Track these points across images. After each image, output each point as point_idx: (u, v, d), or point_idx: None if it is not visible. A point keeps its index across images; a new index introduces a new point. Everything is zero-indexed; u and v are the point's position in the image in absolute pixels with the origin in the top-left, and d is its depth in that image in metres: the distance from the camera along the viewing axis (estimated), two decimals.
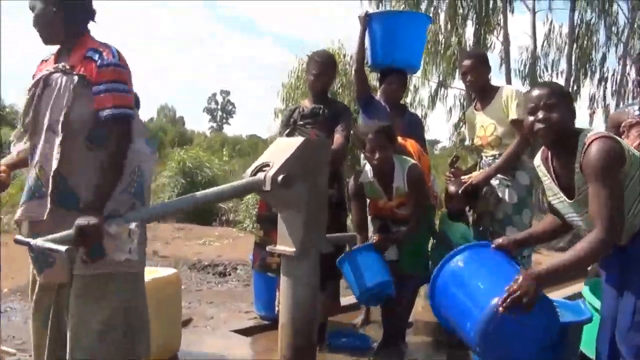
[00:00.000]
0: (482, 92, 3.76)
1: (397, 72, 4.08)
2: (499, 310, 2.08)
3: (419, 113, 12.01)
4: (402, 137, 3.68)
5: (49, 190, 2.14)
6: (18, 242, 2.13)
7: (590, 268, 3.62)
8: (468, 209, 3.75)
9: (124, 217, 2.18)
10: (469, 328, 2.19)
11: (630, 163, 2.13)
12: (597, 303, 2.93)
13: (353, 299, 3.64)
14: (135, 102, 2.47)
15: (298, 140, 2.79)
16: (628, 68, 11.36)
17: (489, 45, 11.50)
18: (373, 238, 3.32)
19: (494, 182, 3.63)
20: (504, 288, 2.10)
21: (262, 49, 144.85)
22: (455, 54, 11.10)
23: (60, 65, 2.22)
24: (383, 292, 3.20)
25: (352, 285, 3.25)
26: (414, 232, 3.31)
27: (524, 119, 2.30)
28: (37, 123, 2.22)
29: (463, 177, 3.72)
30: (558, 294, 3.93)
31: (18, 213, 2.24)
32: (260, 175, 2.66)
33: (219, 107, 77.48)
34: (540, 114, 2.20)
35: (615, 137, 2.19)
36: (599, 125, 11.96)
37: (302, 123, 3.65)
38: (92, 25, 2.34)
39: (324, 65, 3.64)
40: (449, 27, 11.09)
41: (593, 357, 2.49)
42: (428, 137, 16.81)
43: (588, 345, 2.93)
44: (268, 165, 2.70)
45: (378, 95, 4.21)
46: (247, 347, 3.69)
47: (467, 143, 3.86)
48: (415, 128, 4.15)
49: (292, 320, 2.82)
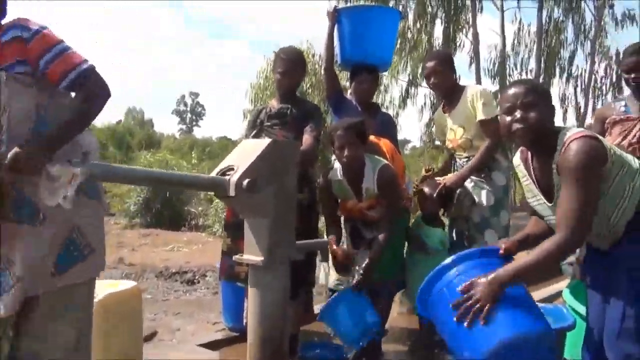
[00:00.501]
0: (448, 94, 3.63)
1: (367, 69, 3.93)
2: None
3: (391, 113, 11.91)
4: (376, 136, 3.54)
5: None
6: None
7: (573, 269, 3.53)
8: (442, 212, 3.62)
9: (73, 161, 1.89)
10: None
11: (613, 162, 2.01)
12: (579, 307, 2.82)
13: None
14: None
15: (264, 142, 2.61)
16: (596, 65, 11.48)
17: (459, 44, 11.50)
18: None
19: (469, 184, 3.51)
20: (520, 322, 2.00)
21: (235, 52, 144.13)
22: (425, 53, 11.05)
23: None
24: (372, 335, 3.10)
25: (340, 338, 3.14)
26: (386, 242, 3.15)
27: (500, 119, 2.17)
28: None
29: (437, 178, 3.59)
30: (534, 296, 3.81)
31: None
32: (225, 180, 2.48)
33: (188, 109, 76.76)
34: (518, 114, 2.08)
35: (597, 136, 2.07)
36: (571, 124, 12.02)
37: (269, 124, 3.47)
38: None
39: (292, 63, 3.47)
40: (418, 25, 11.03)
41: None
42: (399, 137, 16.78)
43: (572, 352, 2.82)
44: (232, 169, 2.52)
45: (349, 95, 4.06)
46: None
47: (437, 143, 3.73)
48: (388, 128, 4.00)
49: (260, 334, 2.64)
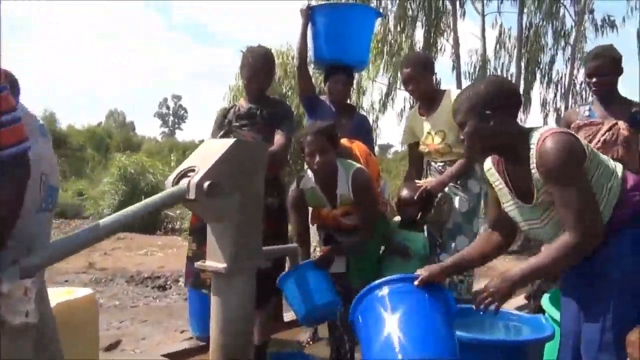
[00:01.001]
0: (427, 98, 3.50)
1: (343, 69, 3.80)
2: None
3: (370, 117, 11.81)
4: (348, 139, 3.41)
5: None
6: None
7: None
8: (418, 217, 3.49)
9: (20, 264, 1.72)
10: None
11: (590, 160, 1.91)
12: (558, 316, 2.71)
13: None
14: (14, 87, 1.98)
15: (228, 142, 2.46)
16: (576, 71, 11.47)
17: (440, 48, 11.42)
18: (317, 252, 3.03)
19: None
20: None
21: (220, 57, 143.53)
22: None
23: None
24: (329, 312, 2.90)
25: (294, 308, 2.94)
26: (363, 241, 3.02)
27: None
28: None
29: (417, 182, 3.47)
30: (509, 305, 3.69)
31: None
32: (184, 182, 2.33)
33: (171, 112, 76.24)
34: (463, 130, 2.04)
35: (571, 132, 1.98)
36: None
37: (237, 124, 3.32)
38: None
39: (260, 65, 3.31)
40: (399, 28, 10.94)
41: None
42: (380, 141, 16.64)
43: None
44: (193, 170, 2.37)
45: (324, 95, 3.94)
46: None
47: (403, 147, 3.54)
48: (364, 130, 3.89)
49: (223, 346, 2.48)
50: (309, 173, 3.05)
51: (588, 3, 11.57)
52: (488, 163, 2.18)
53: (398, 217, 3.45)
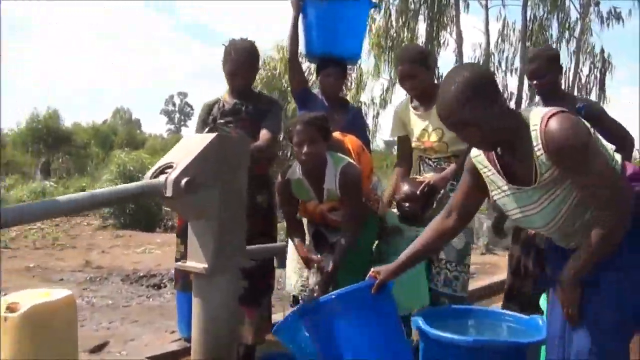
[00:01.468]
0: (425, 95, 3.32)
1: (335, 62, 3.69)
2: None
3: (371, 112, 11.70)
4: (341, 132, 3.30)
5: None
6: None
7: None
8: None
9: None
10: None
11: (595, 140, 1.84)
12: None
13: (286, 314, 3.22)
14: None
15: (208, 137, 2.36)
16: (581, 64, 11.30)
17: (443, 42, 11.27)
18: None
19: None
20: None
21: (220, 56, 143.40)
22: None
23: None
24: None
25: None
26: (351, 243, 2.91)
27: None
28: None
29: (416, 177, 3.36)
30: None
31: None
32: (161, 178, 2.23)
33: (177, 109, 76.33)
34: (459, 131, 1.91)
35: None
36: None
37: (222, 121, 3.21)
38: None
39: (244, 59, 3.20)
40: (401, 22, 10.79)
41: None
42: (385, 137, 16.49)
43: None
44: (171, 167, 2.27)
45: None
46: None
47: (389, 138, 3.35)
48: (358, 124, 3.77)
49: (205, 347, 2.39)
50: (297, 163, 2.94)
51: None
52: (476, 150, 2.06)
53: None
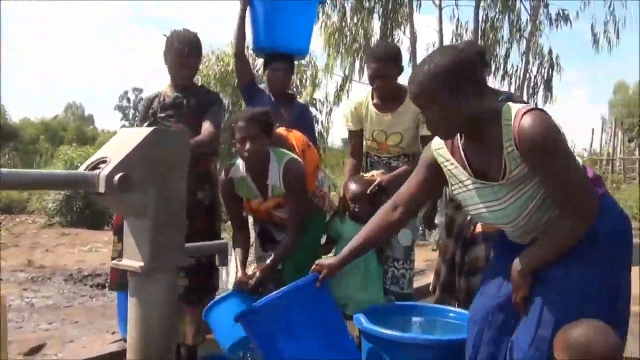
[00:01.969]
0: (391, 96, 3.28)
1: (282, 57, 3.64)
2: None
3: (324, 109, 11.71)
4: (286, 128, 3.25)
5: None
6: None
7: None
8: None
9: None
10: None
11: (564, 141, 1.83)
12: None
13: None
14: None
15: (144, 131, 2.28)
16: (530, 64, 11.55)
17: (397, 40, 11.34)
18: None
19: None
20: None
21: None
22: (362, 48, 10.88)
23: None
24: None
25: (220, 341, 2.77)
26: (296, 240, 2.86)
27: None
28: None
29: (365, 175, 3.33)
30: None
31: None
32: (94, 174, 2.14)
33: (131, 105, 74.89)
34: (421, 117, 1.92)
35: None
36: None
37: (163, 115, 3.11)
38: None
39: (188, 50, 3.09)
40: (355, 19, 10.82)
41: None
42: (336, 134, 16.52)
43: None
44: (105, 162, 2.18)
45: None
46: None
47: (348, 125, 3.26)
48: (305, 120, 3.73)
49: (141, 350, 2.31)
50: (239, 161, 2.88)
51: None
52: (438, 142, 2.02)
53: None
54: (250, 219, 3.20)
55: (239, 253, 2.91)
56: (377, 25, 11.29)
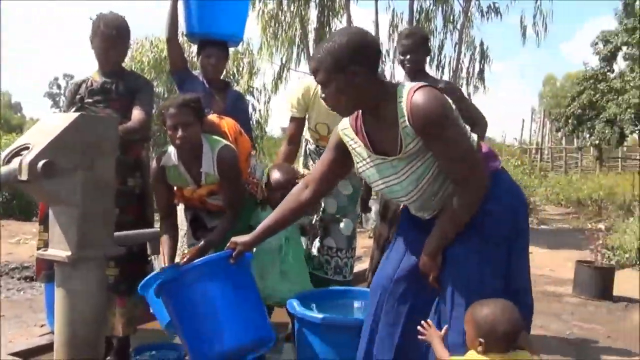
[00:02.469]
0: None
1: (216, 43, 3.59)
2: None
3: (262, 97, 11.65)
4: (219, 115, 3.22)
5: None
6: None
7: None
8: None
9: None
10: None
11: (456, 116, 1.94)
12: None
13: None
14: None
15: (69, 117, 2.21)
16: (463, 55, 11.82)
17: (334, 29, 11.37)
18: (183, 250, 2.82)
19: None
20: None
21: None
22: (298, 37, 10.85)
23: None
24: None
25: (157, 316, 2.77)
26: (232, 225, 2.85)
27: None
28: None
29: (292, 165, 3.33)
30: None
31: None
32: (15, 162, 2.06)
33: (62, 91, 72.19)
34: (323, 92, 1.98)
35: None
36: None
37: (91, 100, 3.01)
38: None
39: (115, 34, 2.99)
40: (292, 8, 10.77)
41: None
42: (275, 124, 16.48)
43: None
44: (27, 148, 2.11)
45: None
46: None
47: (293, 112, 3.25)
48: (239, 107, 3.70)
49: (69, 343, 2.25)
50: (171, 149, 2.83)
51: None
52: (345, 122, 2.12)
53: None
54: (182, 206, 3.15)
55: (166, 241, 2.83)
56: (314, 14, 11.29)
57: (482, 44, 12.06)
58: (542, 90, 41.81)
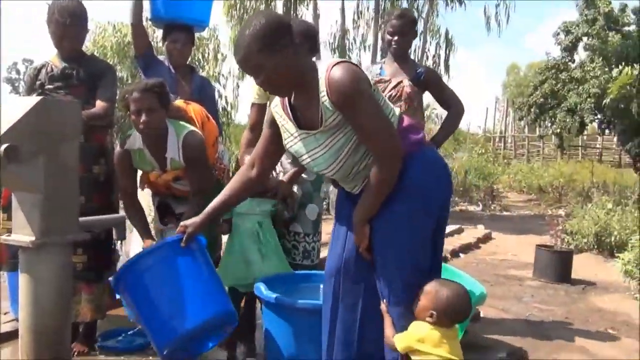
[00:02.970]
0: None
1: (181, 28, 3.56)
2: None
3: (231, 83, 11.58)
4: (185, 101, 3.20)
5: None
6: None
7: None
8: None
9: None
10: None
11: (374, 90, 2.02)
12: None
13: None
14: None
15: (31, 101, 2.18)
16: (428, 43, 11.93)
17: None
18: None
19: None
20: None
21: None
22: None
23: None
24: None
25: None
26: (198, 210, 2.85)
27: None
28: None
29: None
30: None
31: None
32: None
33: (22, 76, 70.23)
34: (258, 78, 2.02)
35: (355, 63, 2.05)
36: None
37: (51, 86, 2.96)
38: None
39: (70, 21, 2.91)
40: None
41: None
42: (245, 111, 16.44)
43: None
44: None
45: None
46: None
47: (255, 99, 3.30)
48: (206, 92, 3.68)
49: (34, 330, 2.23)
50: (137, 133, 2.81)
51: None
52: (276, 100, 2.18)
53: None
54: (149, 191, 3.13)
55: (137, 222, 2.86)
56: (280, 2, 11.24)
57: (447, 33, 12.18)
58: (505, 80, 42.42)
